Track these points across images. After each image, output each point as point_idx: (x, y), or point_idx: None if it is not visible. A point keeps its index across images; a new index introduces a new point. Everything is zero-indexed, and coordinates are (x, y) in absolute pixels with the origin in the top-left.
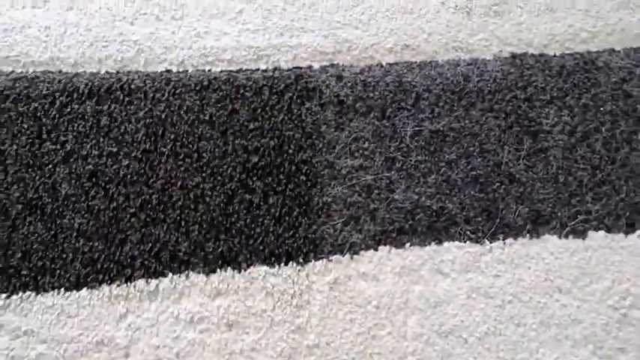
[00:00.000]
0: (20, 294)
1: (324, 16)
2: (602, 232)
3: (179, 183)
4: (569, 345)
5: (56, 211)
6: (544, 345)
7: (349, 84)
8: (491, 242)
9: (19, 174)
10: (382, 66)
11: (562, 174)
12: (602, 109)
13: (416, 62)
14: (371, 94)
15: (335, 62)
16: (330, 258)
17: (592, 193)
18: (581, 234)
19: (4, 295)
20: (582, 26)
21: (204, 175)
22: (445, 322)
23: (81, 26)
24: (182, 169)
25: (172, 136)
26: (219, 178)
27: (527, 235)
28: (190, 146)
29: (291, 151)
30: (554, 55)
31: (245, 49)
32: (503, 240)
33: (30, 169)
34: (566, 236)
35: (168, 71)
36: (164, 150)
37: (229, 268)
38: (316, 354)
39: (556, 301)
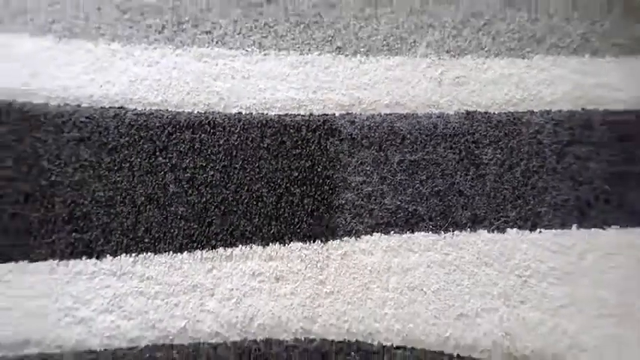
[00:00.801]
0: (144, 254)
1: (344, 81)
2: (515, 229)
3: (246, 187)
4: (489, 298)
5: (166, 203)
6: (473, 297)
7: (359, 127)
8: (445, 233)
9: (142, 177)
10: (381, 115)
11: (493, 192)
12: (522, 150)
13: (403, 114)
14: (373, 134)
15: (350, 112)
16: (343, 239)
17: (511, 205)
18: (502, 230)
19: (133, 255)
20: (514, 94)
21: (262, 182)
22: (413, 281)
23: (181, 80)
24: (248, 178)
25: (242, 157)
26: (272, 185)
27: (468, 229)
28: (253, 164)
29: (319, 169)
30: (494, 113)
31: (290, 101)
32: (452, 232)
33: (149, 175)
34: (493, 231)
35: (239, 113)
36: (236, 166)
37: (278, 243)
38: (331, 297)
39: (483, 271)
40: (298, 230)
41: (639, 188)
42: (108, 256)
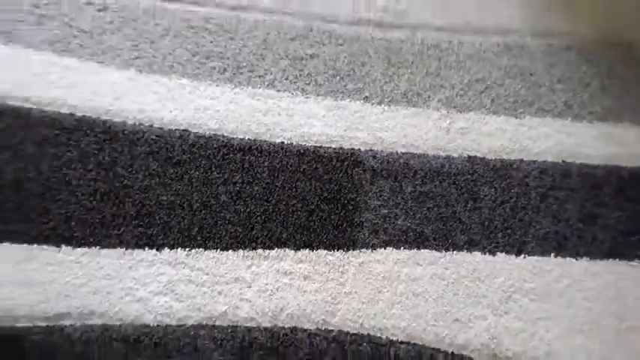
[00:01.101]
0: (196, 249)
1: (369, 124)
2: (503, 254)
3: (284, 202)
4: (479, 307)
5: (217, 209)
6: (467, 306)
7: (379, 160)
8: (446, 252)
9: (199, 187)
10: (398, 153)
11: (487, 222)
12: (512, 190)
13: (417, 153)
14: (391, 167)
15: (373, 149)
16: (361, 250)
17: (501, 234)
18: (493, 253)
19: (187, 249)
20: (507, 145)
21: (297, 199)
22: (417, 289)
23: (236, 112)
24: (286, 195)
25: (282, 178)
26: (305, 202)
27: (465, 250)
28: (291, 184)
29: (345, 192)
30: (491, 159)
31: (325, 136)
32: (452, 251)
33: (204, 186)
34: (485, 253)
35: (282, 142)
36: (277, 184)
37: (307, 249)
38: (349, 297)
39: (475, 285)
40: (325, 240)
41: (606, 228)
42: (166, 248)
